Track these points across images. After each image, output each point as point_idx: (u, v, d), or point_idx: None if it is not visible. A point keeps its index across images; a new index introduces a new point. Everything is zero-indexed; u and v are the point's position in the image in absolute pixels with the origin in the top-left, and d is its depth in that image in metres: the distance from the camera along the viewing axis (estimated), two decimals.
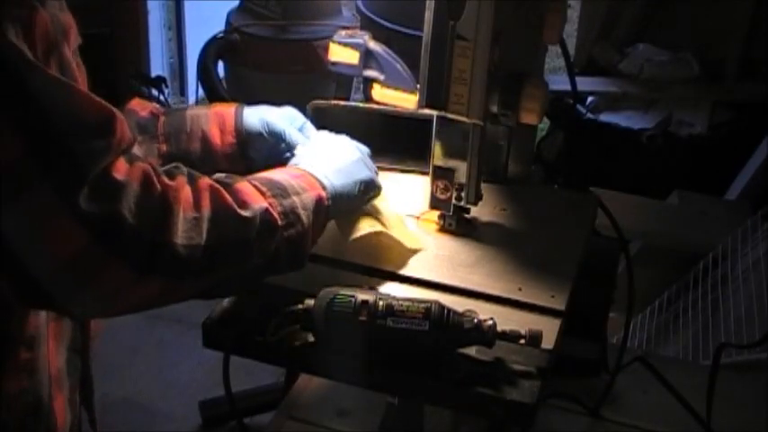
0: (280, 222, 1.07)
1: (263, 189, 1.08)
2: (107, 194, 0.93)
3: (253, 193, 1.06)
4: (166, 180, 0.99)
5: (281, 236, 1.07)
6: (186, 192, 1.00)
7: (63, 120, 0.91)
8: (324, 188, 1.14)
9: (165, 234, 0.96)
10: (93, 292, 0.96)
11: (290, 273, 1.13)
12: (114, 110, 0.97)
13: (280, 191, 1.09)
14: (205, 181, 1.03)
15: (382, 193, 1.27)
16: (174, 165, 1.04)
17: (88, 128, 0.93)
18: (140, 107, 1.36)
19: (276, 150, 1.31)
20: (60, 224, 0.91)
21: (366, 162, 1.24)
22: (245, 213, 1.03)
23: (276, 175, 1.13)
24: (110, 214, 0.93)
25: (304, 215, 1.10)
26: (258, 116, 1.32)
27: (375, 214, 1.25)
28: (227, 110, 1.34)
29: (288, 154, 1.29)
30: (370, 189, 1.23)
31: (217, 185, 1.04)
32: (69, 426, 1.19)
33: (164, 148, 1.31)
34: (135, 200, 0.94)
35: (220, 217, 1.01)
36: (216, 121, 1.33)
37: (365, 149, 1.28)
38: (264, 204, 1.06)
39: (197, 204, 1.00)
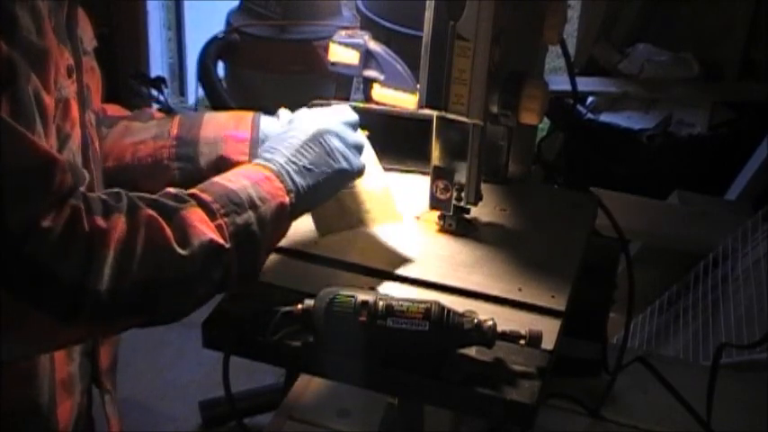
0: (228, 245, 1.04)
1: (215, 207, 1.05)
2: (29, 243, 0.90)
3: (199, 222, 1.02)
4: (98, 220, 0.95)
5: (229, 257, 1.04)
6: (120, 230, 0.96)
7: None
8: (289, 191, 1.12)
9: (89, 281, 0.93)
10: (13, 338, 0.94)
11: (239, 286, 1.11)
12: (57, 157, 0.94)
13: (235, 206, 1.06)
14: (144, 213, 0.99)
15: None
16: (115, 191, 1.01)
17: (22, 174, 0.91)
18: (156, 113, 1.38)
19: None
20: None
21: (342, 143, 1.19)
22: (183, 252, 1.00)
23: (237, 182, 1.09)
24: (29, 263, 0.90)
25: (258, 231, 1.07)
26: (278, 122, 1.31)
27: (351, 203, 1.24)
28: (246, 112, 1.34)
29: None
30: (345, 179, 1.20)
31: (157, 218, 1.00)
32: (73, 428, 1.19)
33: (175, 131, 1.32)
34: (57, 247, 0.92)
35: (155, 256, 0.98)
36: (233, 115, 1.33)
37: (350, 118, 1.23)
38: (209, 236, 1.02)
39: (130, 243, 0.96)
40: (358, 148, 1.22)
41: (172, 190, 1.06)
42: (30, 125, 0.94)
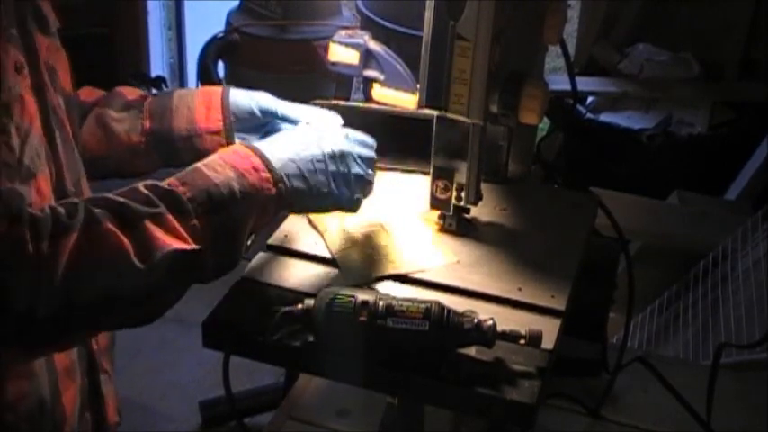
0: (200, 246, 1.03)
1: (191, 206, 1.03)
2: None
3: (164, 232, 1.01)
4: (44, 247, 0.94)
5: (201, 257, 1.04)
6: (70, 252, 0.95)
7: None
8: (277, 182, 1.10)
9: (37, 308, 0.94)
10: None
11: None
12: None
13: (214, 204, 1.04)
14: (101, 229, 0.98)
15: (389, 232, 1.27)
16: (73, 203, 1.00)
17: None
18: (129, 92, 1.36)
19: (270, 130, 1.29)
20: None
21: (348, 171, 1.18)
22: (142, 266, 0.98)
23: (223, 173, 1.07)
24: None
25: (238, 226, 1.06)
26: (249, 95, 1.31)
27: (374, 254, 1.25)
28: (215, 89, 1.32)
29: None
30: (335, 207, 1.19)
31: (114, 233, 0.98)
32: (79, 409, 1.20)
33: (147, 124, 1.31)
34: (2, 276, 0.92)
35: (110, 272, 0.98)
36: (202, 100, 1.31)
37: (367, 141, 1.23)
38: (173, 246, 1.00)
39: (82, 263, 0.96)
40: (360, 181, 1.19)
41: (146, 187, 1.04)
42: None
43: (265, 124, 1.29)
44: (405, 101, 1.37)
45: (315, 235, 1.28)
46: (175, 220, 1.02)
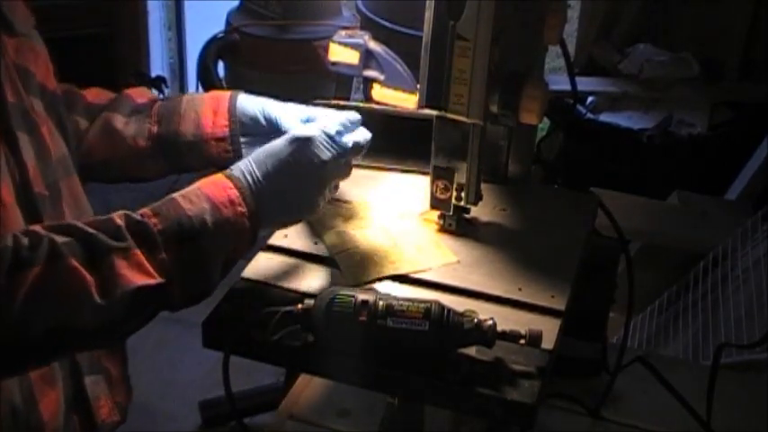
0: (166, 280, 1.03)
1: (161, 239, 1.03)
2: None
3: (130, 268, 1.00)
4: (1, 279, 0.95)
5: (168, 290, 1.04)
6: (29, 284, 0.96)
7: None
8: (252, 215, 1.08)
9: None
10: None
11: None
12: None
13: (184, 237, 1.04)
14: (63, 265, 0.98)
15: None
16: (38, 235, 0.99)
17: None
18: (138, 95, 1.35)
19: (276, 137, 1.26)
20: None
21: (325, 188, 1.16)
22: (101, 302, 0.98)
23: (197, 205, 1.06)
24: None
25: (209, 258, 1.06)
26: (257, 101, 1.30)
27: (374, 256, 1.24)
28: (224, 94, 1.32)
29: None
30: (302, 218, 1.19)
31: (77, 269, 0.98)
32: (65, 413, 1.19)
33: (154, 129, 1.30)
34: None
35: (68, 306, 0.98)
36: (210, 104, 1.31)
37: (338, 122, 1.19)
38: (136, 284, 1.00)
39: (39, 296, 0.96)
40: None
41: (120, 218, 1.04)
42: None
43: (271, 131, 1.28)
44: (405, 101, 1.36)
45: (315, 235, 1.28)
46: (143, 254, 1.02)
